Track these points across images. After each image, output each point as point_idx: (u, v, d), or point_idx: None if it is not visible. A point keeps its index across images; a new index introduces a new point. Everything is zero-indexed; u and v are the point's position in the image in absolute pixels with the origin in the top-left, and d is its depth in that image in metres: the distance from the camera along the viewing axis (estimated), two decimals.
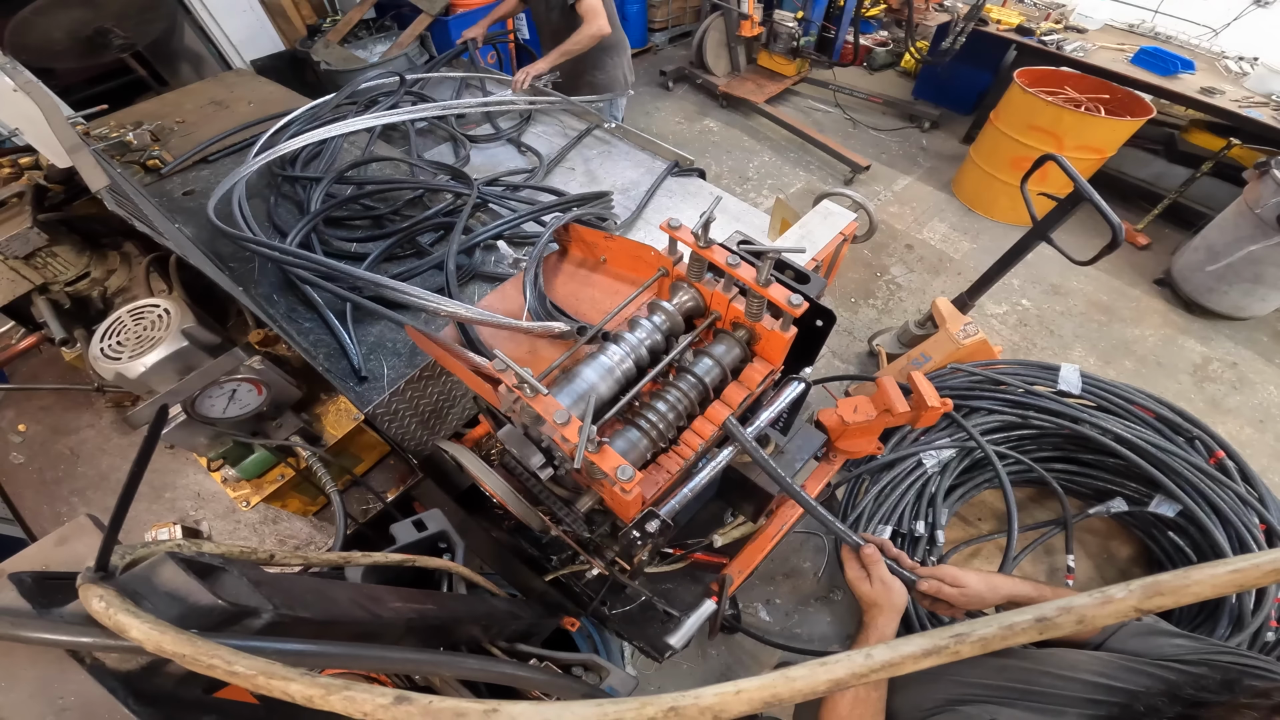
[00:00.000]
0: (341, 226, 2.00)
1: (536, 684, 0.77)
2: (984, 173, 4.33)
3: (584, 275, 1.40)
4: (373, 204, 2.06)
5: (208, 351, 1.26)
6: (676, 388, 1.02)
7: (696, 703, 0.32)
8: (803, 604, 2.57)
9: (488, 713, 0.33)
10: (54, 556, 0.55)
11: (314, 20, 4.40)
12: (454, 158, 2.42)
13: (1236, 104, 3.62)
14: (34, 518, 1.50)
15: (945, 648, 0.34)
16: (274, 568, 0.71)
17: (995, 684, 0.90)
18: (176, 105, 2.61)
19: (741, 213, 2.29)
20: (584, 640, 1.60)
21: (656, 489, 0.99)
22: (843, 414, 1.40)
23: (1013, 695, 0.87)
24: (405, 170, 2.25)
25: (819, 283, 1.21)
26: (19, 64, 1.15)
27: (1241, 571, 0.34)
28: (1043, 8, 4.80)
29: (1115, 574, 2.51)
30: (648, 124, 5.37)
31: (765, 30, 5.33)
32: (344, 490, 1.49)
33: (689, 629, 1.32)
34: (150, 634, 0.39)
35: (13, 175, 1.52)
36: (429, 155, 2.45)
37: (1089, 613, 0.34)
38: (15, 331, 1.55)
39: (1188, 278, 3.74)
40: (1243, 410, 3.32)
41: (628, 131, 2.61)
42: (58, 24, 3.00)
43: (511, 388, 0.90)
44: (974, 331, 2.55)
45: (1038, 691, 0.86)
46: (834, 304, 3.79)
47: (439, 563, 1.01)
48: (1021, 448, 2.45)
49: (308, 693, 0.35)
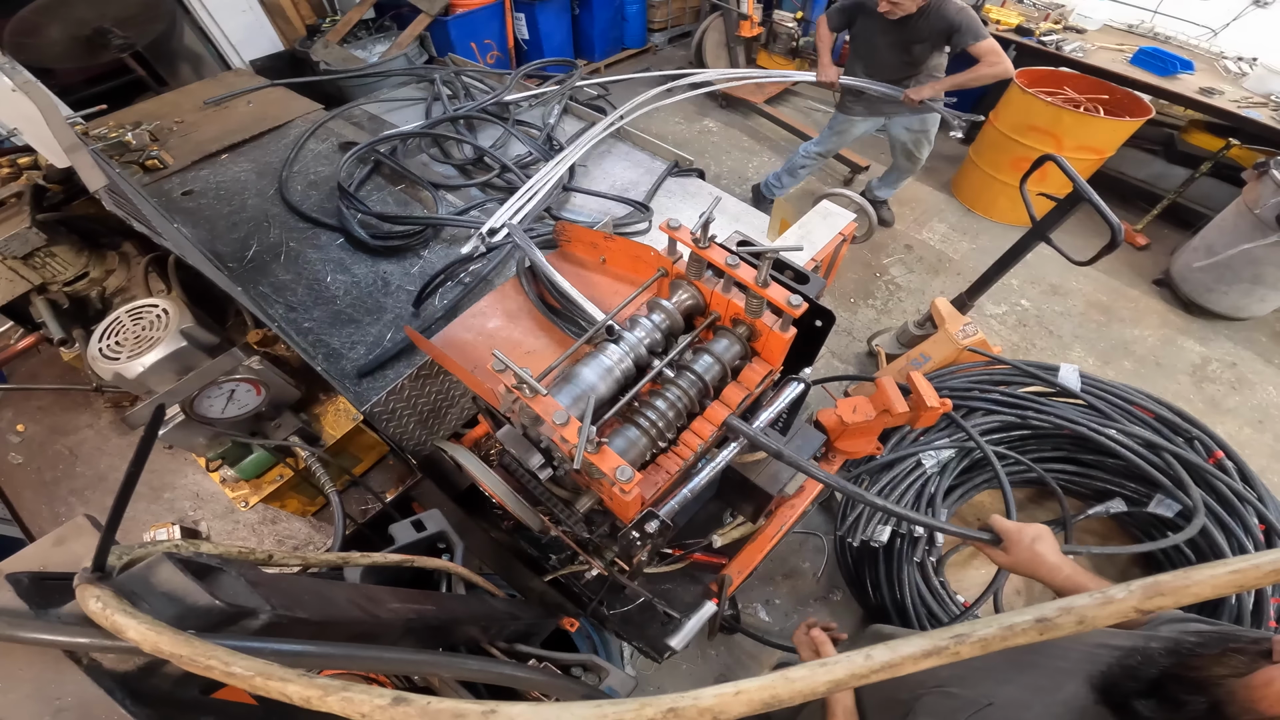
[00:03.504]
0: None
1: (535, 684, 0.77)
2: (983, 173, 4.33)
3: (584, 275, 1.40)
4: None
5: (206, 352, 1.26)
6: (676, 385, 1.02)
7: (696, 704, 0.32)
8: (802, 604, 2.57)
9: (486, 714, 0.33)
10: (52, 557, 0.55)
11: (313, 20, 4.39)
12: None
13: (1235, 104, 3.62)
14: (32, 518, 1.49)
15: (945, 648, 0.34)
16: (272, 568, 0.71)
17: (995, 661, 0.90)
18: (175, 105, 2.61)
19: (741, 213, 2.29)
20: (583, 640, 1.59)
21: (656, 489, 0.99)
22: (842, 414, 1.40)
23: (1012, 671, 0.87)
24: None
25: (818, 283, 1.21)
26: (18, 64, 1.15)
27: (1241, 572, 0.34)
28: (1042, 8, 4.80)
29: (1115, 574, 2.51)
30: (647, 124, 5.34)
31: (765, 30, 5.32)
32: (343, 490, 1.49)
33: (689, 631, 1.32)
34: (147, 634, 0.39)
35: (11, 175, 1.52)
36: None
37: (1089, 613, 0.34)
38: (14, 331, 1.55)
39: (1187, 278, 3.74)
40: (1241, 410, 3.32)
41: (628, 132, 2.61)
42: (57, 24, 3.00)
43: (510, 388, 0.90)
44: (973, 332, 2.55)
45: (1038, 666, 0.86)
46: (833, 304, 3.79)
47: (438, 563, 1.01)
48: (1021, 448, 2.45)
49: (305, 693, 0.35)
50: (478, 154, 2.32)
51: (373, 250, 1.93)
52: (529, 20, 4.95)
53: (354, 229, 1.93)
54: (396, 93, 2.84)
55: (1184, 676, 0.70)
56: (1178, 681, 0.71)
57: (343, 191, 2.07)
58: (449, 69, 2.94)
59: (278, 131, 2.49)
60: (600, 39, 5.65)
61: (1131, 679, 0.75)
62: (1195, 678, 0.69)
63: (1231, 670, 0.66)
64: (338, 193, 2.08)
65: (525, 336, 1.33)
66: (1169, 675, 0.72)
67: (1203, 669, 0.69)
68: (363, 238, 1.92)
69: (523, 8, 4.89)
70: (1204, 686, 0.68)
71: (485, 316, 1.37)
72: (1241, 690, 0.64)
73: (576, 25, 5.48)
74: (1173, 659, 0.74)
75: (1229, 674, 0.66)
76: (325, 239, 1.99)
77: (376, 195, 2.18)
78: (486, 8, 4.64)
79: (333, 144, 2.41)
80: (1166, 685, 0.71)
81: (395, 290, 1.83)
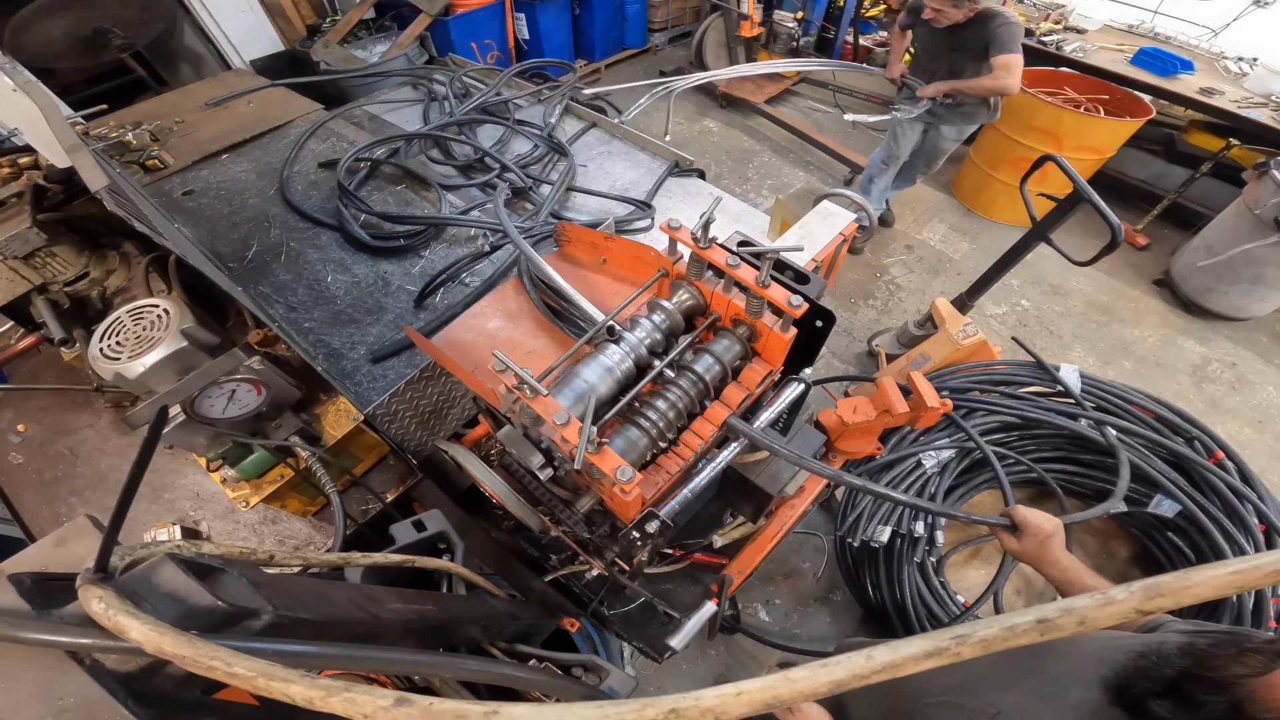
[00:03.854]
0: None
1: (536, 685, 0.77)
2: (983, 173, 4.33)
3: (584, 275, 1.40)
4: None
5: (207, 352, 1.26)
6: (677, 386, 1.02)
7: (697, 704, 0.32)
8: (802, 604, 2.57)
9: (488, 714, 0.33)
10: (53, 557, 0.55)
11: (313, 20, 4.40)
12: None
13: (1236, 104, 3.62)
14: (33, 518, 1.49)
15: (946, 649, 0.34)
16: (273, 568, 0.71)
17: (996, 668, 0.89)
18: (176, 105, 2.61)
19: (741, 213, 2.29)
20: (584, 641, 1.60)
21: (656, 490, 0.99)
22: (842, 414, 1.40)
23: (1014, 677, 0.87)
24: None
25: (818, 283, 1.21)
26: (18, 64, 1.15)
27: (1242, 573, 0.34)
28: (1042, 8, 4.80)
29: (1115, 574, 2.51)
30: (647, 124, 5.34)
31: (765, 30, 5.32)
32: (343, 491, 1.49)
33: (689, 631, 1.32)
34: (150, 635, 0.39)
35: (12, 175, 1.52)
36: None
37: (1090, 614, 0.34)
38: (14, 331, 1.55)
39: (1187, 278, 3.74)
40: (1242, 410, 3.32)
41: (628, 131, 2.61)
42: (57, 24, 3.00)
43: (511, 388, 0.90)
44: (973, 332, 2.55)
45: (1039, 671, 0.86)
46: (833, 304, 3.79)
47: (438, 563, 1.01)
48: (1021, 448, 2.45)
49: (308, 694, 0.35)
50: (479, 154, 2.32)
51: (373, 250, 1.94)
52: (529, 20, 4.95)
53: (354, 229, 1.93)
54: (396, 93, 2.84)
55: (1202, 676, 0.70)
56: (1196, 681, 0.70)
57: (343, 190, 2.07)
58: (449, 69, 2.95)
59: (278, 131, 2.49)
60: (600, 39, 5.65)
61: (1147, 679, 0.75)
62: (1214, 677, 0.68)
63: (1250, 670, 0.65)
64: (338, 192, 2.08)
65: (526, 337, 1.33)
66: (1187, 675, 0.71)
67: (1221, 668, 0.68)
68: (363, 238, 1.92)
69: (523, 8, 4.89)
70: (1223, 686, 0.67)
71: (486, 317, 1.37)
72: (1262, 689, 0.64)
73: (577, 25, 5.48)
74: (1188, 659, 0.73)
75: (1248, 673, 0.65)
76: (326, 239, 1.99)
77: (377, 195, 2.18)
78: (486, 8, 4.64)
79: (333, 145, 2.41)
80: (1184, 685, 0.71)
81: (396, 290, 1.83)
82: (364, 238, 1.92)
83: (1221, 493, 2.12)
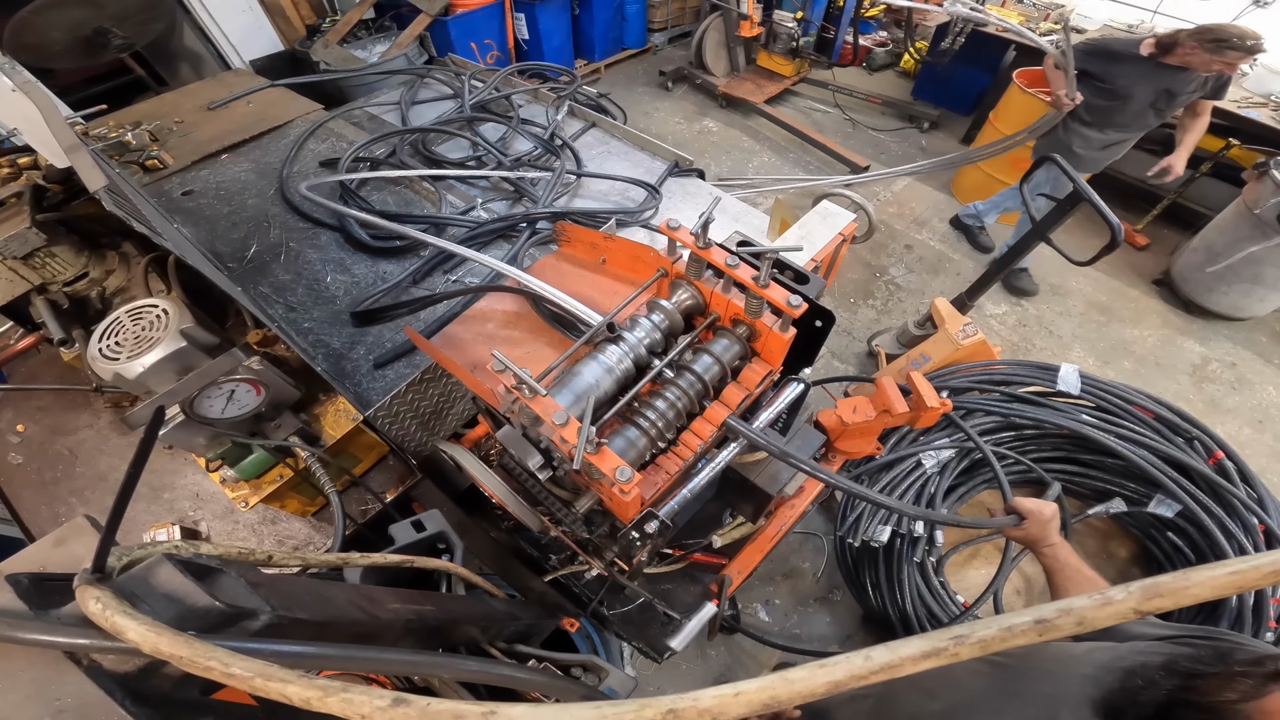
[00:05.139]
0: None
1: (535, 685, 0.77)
2: (983, 173, 4.33)
3: (584, 275, 1.40)
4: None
5: (206, 352, 1.26)
6: (676, 386, 1.02)
7: (695, 705, 0.32)
8: (802, 604, 2.57)
9: (486, 715, 0.33)
10: (51, 557, 0.55)
11: (313, 20, 4.39)
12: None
13: (1236, 104, 3.62)
14: (32, 518, 1.49)
15: (945, 649, 0.34)
16: (272, 569, 0.71)
17: (983, 695, 0.89)
18: (175, 105, 2.61)
19: (741, 213, 2.29)
20: (583, 641, 1.60)
21: (655, 490, 0.99)
22: (842, 415, 1.40)
23: (1001, 702, 0.87)
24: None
25: (818, 283, 1.21)
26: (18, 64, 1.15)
27: (1241, 573, 0.34)
28: (1042, 8, 4.80)
29: (1114, 574, 2.51)
30: (647, 124, 5.36)
31: (764, 30, 5.33)
32: (343, 491, 1.49)
33: (689, 632, 1.32)
34: (147, 635, 0.39)
35: (11, 175, 1.52)
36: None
37: (1089, 614, 0.34)
38: (14, 332, 1.55)
39: (1187, 278, 3.74)
40: (1241, 410, 3.32)
41: (627, 131, 2.61)
42: (57, 24, 2.99)
43: (510, 388, 0.90)
44: (973, 332, 2.55)
45: (1025, 694, 0.85)
46: (833, 304, 3.79)
47: (438, 563, 1.01)
48: (1021, 448, 2.45)
49: (305, 694, 0.35)
50: (479, 154, 2.32)
51: (373, 250, 1.94)
52: (529, 20, 4.95)
53: (354, 229, 1.93)
54: (395, 94, 2.84)
55: (1192, 701, 0.69)
56: (1186, 706, 0.70)
57: (344, 190, 2.07)
58: (449, 69, 2.95)
59: (278, 131, 2.49)
60: (600, 39, 5.65)
61: (1136, 704, 0.74)
62: (1204, 702, 0.68)
63: (1240, 694, 0.65)
64: (338, 191, 2.08)
65: (525, 336, 1.33)
66: (1176, 699, 0.71)
67: (1211, 693, 0.68)
68: (362, 238, 1.92)
69: (523, 8, 4.89)
70: (1214, 711, 0.67)
71: (485, 317, 1.37)
72: (1256, 715, 0.63)
73: (576, 25, 5.48)
74: (1175, 680, 0.72)
75: (1238, 698, 0.65)
76: (325, 239, 1.99)
77: (377, 195, 2.18)
78: (486, 8, 4.64)
79: (332, 145, 2.41)
80: (1174, 710, 0.70)
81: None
82: (363, 237, 1.92)
83: (1221, 493, 2.12)
